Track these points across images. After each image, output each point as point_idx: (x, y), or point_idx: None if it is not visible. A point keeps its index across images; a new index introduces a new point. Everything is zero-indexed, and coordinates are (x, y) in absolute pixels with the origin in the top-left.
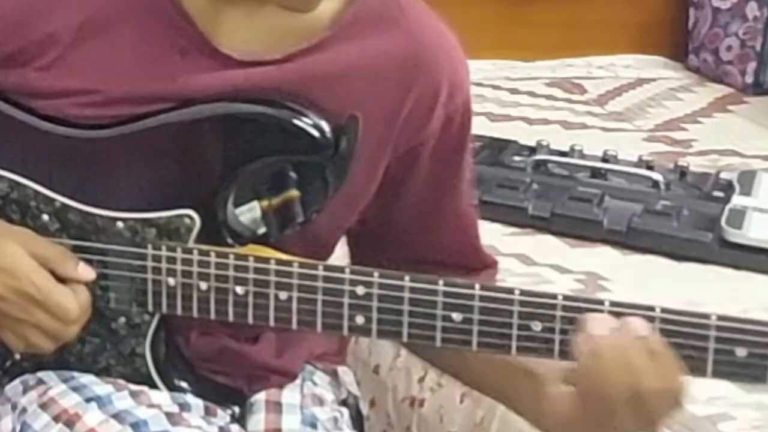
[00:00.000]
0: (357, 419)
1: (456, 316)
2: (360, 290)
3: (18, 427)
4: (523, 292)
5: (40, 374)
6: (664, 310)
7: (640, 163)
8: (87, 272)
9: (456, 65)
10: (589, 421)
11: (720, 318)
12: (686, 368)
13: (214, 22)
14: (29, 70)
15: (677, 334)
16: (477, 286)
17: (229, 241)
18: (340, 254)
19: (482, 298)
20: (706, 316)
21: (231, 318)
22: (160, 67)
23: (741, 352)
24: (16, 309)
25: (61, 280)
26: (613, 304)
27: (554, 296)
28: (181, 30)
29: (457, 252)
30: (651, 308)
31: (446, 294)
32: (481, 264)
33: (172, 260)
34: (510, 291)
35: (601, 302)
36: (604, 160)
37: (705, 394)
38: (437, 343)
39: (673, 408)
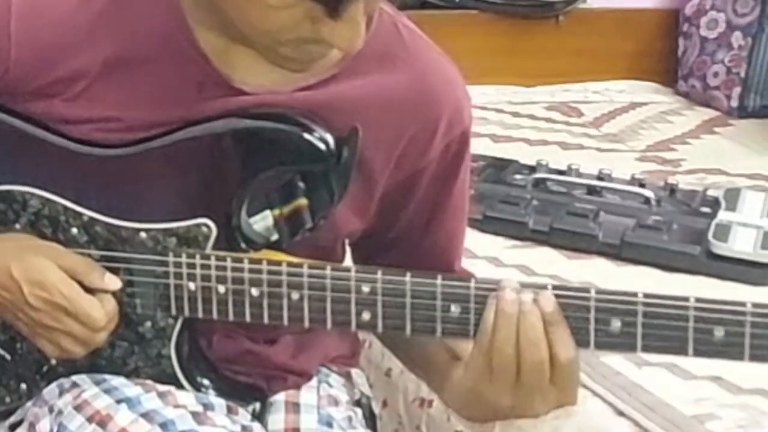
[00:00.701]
0: (370, 418)
1: (454, 308)
2: (365, 288)
3: (55, 428)
4: (519, 282)
5: (74, 378)
6: (647, 296)
7: (633, 181)
8: (113, 282)
9: (457, 100)
10: (476, 395)
11: (698, 300)
12: (670, 348)
13: (228, 60)
14: (57, 101)
15: (660, 315)
16: (472, 281)
17: (244, 247)
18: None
19: (477, 292)
20: (685, 299)
21: (248, 318)
22: (178, 99)
23: (719, 332)
24: (48, 318)
25: (90, 290)
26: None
27: (545, 286)
28: (197, 67)
29: (438, 267)
30: (633, 294)
31: (444, 288)
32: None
33: (191, 266)
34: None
35: (586, 290)
36: (599, 178)
37: (693, 395)
38: (437, 335)
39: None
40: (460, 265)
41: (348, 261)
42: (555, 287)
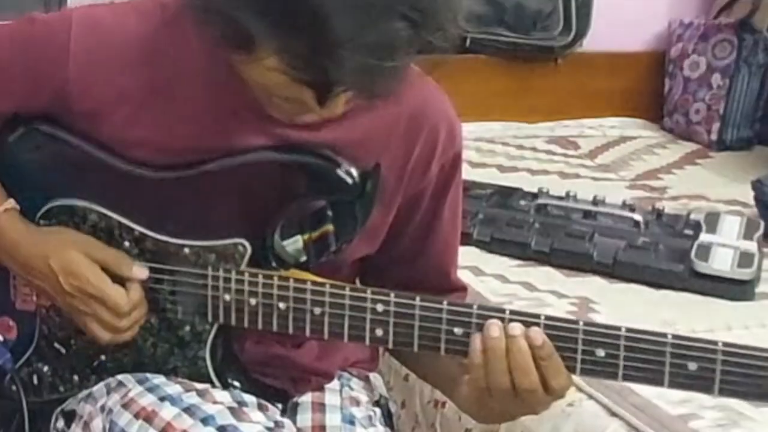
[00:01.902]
0: (387, 417)
1: (457, 330)
2: (379, 307)
3: (107, 426)
4: (512, 312)
5: (120, 377)
6: (629, 330)
7: (624, 206)
8: (140, 272)
9: (449, 126)
10: (482, 404)
11: (675, 337)
12: (648, 379)
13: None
14: (111, 122)
15: (640, 349)
16: (474, 306)
17: (275, 265)
18: None
19: (479, 316)
20: (663, 335)
21: (275, 328)
22: (218, 124)
23: (692, 366)
24: (79, 303)
25: (122, 281)
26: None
27: (538, 316)
28: (235, 95)
29: (436, 277)
30: (617, 328)
31: (449, 312)
32: (454, 288)
33: (227, 280)
34: (501, 311)
35: (575, 322)
36: (594, 203)
37: (678, 397)
38: (441, 353)
39: (551, 401)
40: (455, 275)
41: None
42: (547, 317)
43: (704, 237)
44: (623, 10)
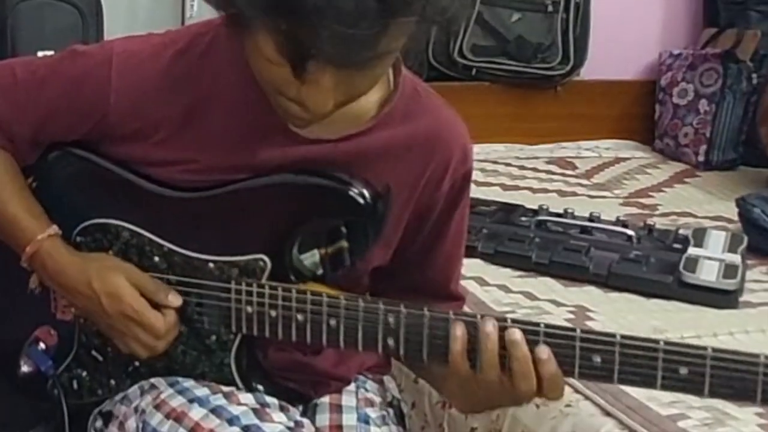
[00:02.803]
0: (400, 417)
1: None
2: (391, 319)
3: (140, 425)
4: (513, 321)
5: (152, 380)
6: (623, 336)
7: (618, 222)
8: (175, 299)
9: (463, 146)
10: (467, 394)
11: (666, 343)
12: (641, 382)
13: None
14: (144, 144)
15: (634, 355)
16: (479, 316)
17: (293, 279)
18: None
19: None
20: (655, 341)
21: (294, 338)
22: (246, 143)
23: (683, 370)
24: (119, 324)
25: (156, 305)
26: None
27: (538, 324)
28: (263, 117)
29: (437, 287)
30: (612, 335)
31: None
32: (454, 297)
33: (249, 293)
34: (504, 320)
35: (573, 330)
36: (590, 220)
37: (667, 398)
38: (448, 363)
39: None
40: (455, 286)
41: None
42: (546, 326)
43: (692, 250)
44: (617, 41)
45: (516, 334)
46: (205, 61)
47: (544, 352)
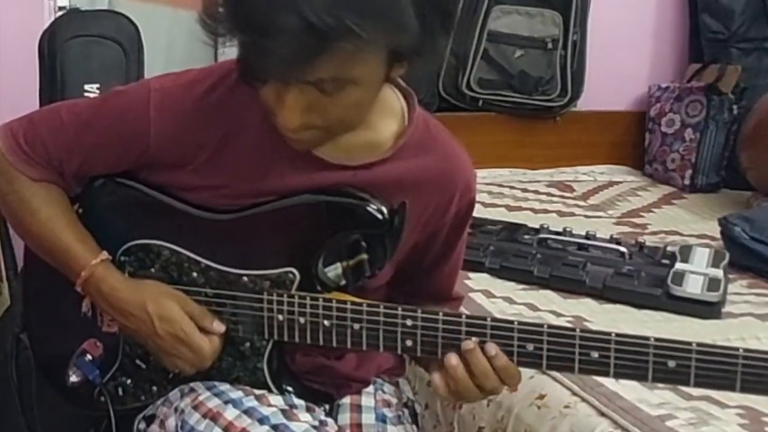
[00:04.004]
0: (414, 417)
1: (474, 339)
2: (409, 322)
3: (179, 424)
4: (519, 323)
5: (192, 384)
6: (618, 335)
7: (612, 240)
8: (219, 327)
9: (467, 178)
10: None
11: (656, 339)
12: (634, 375)
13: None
14: (182, 172)
15: (628, 351)
16: (488, 318)
17: (319, 289)
18: None
19: (492, 327)
20: (646, 338)
21: (321, 342)
22: (273, 169)
23: (671, 363)
24: (169, 346)
25: (202, 330)
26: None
27: (541, 326)
28: (290, 145)
29: (442, 290)
30: (608, 333)
31: (467, 324)
32: (454, 298)
33: (280, 303)
34: (510, 322)
35: (573, 329)
36: (587, 237)
37: (657, 400)
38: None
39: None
40: (455, 288)
41: None
42: (549, 326)
43: (679, 266)
44: (611, 76)
45: (469, 344)
46: (234, 94)
47: (491, 349)
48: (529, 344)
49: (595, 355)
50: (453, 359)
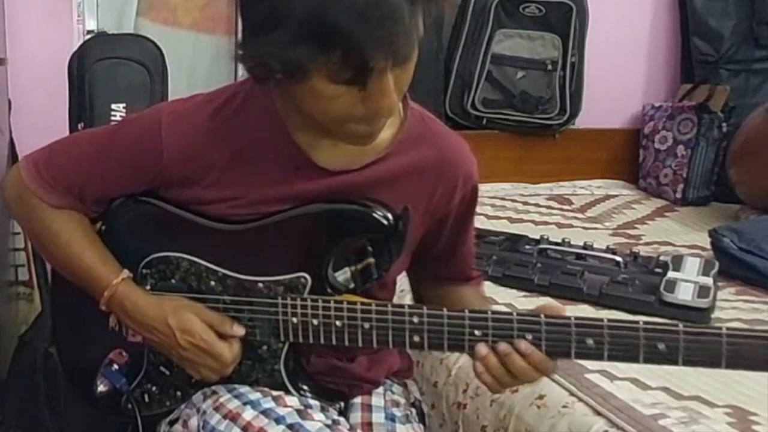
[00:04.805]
0: (421, 416)
1: (477, 332)
2: (416, 319)
3: (201, 424)
4: (518, 313)
5: (214, 387)
6: (609, 320)
7: (608, 250)
8: (238, 329)
9: (468, 165)
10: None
11: (645, 323)
12: (627, 358)
13: (315, 148)
14: (197, 187)
15: (620, 335)
16: (489, 311)
17: (330, 292)
18: None
19: (493, 320)
20: (636, 323)
21: (334, 342)
22: (282, 180)
23: (661, 345)
24: (192, 355)
25: (222, 336)
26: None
27: (538, 315)
28: (294, 156)
29: (461, 271)
30: (600, 320)
31: (470, 318)
32: (473, 277)
33: (294, 306)
34: (509, 313)
35: (568, 318)
36: (584, 248)
37: (650, 400)
38: (465, 352)
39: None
40: (472, 270)
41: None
42: (546, 316)
43: (671, 274)
44: (607, 96)
45: (504, 347)
46: (241, 114)
47: (521, 344)
48: (527, 334)
49: (590, 341)
50: (483, 349)
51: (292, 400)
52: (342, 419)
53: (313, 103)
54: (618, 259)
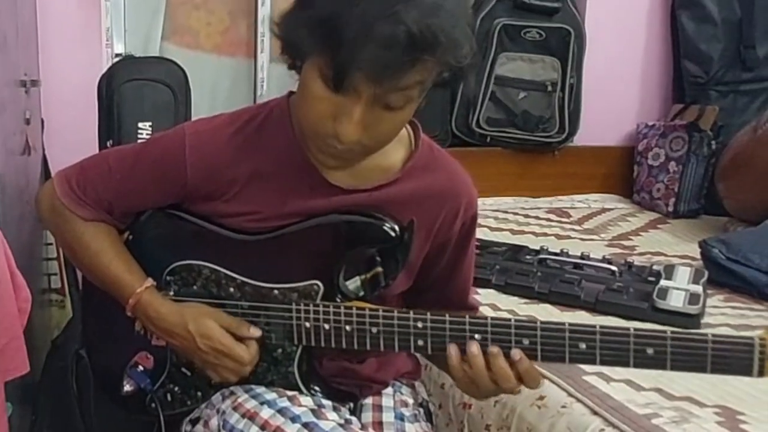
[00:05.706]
0: (428, 416)
1: (477, 336)
2: (420, 324)
3: (221, 423)
4: (516, 319)
5: (232, 388)
6: (602, 327)
7: (604, 260)
8: (255, 331)
9: (470, 194)
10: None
11: (635, 329)
12: (618, 362)
13: (329, 168)
14: (218, 202)
15: (611, 341)
16: (488, 317)
17: (341, 299)
18: None
19: (493, 325)
20: (627, 329)
21: (344, 345)
22: (297, 196)
23: (650, 350)
24: (212, 358)
25: (240, 339)
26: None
27: (534, 321)
28: (309, 174)
29: (459, 300)
30: (593, 326)
31: (471, 323)
32: (470, 307)
33: (307, 312)
34: (507, 320)
35: (563, 323)
36: (582, 258)
37: (643, 401)
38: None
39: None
40: (470, 298)
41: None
42: (542, 322)
43: (663, 282)
44: (603, 115)
45: (494, 349)
46: (260, 134)
47: (516, 354)
48: (524, 339)
49: (582, 346)
50: (474, 347)
51: (306, 400)
52: (354, 419)
53: (301, 101)
54: (613, 268)
